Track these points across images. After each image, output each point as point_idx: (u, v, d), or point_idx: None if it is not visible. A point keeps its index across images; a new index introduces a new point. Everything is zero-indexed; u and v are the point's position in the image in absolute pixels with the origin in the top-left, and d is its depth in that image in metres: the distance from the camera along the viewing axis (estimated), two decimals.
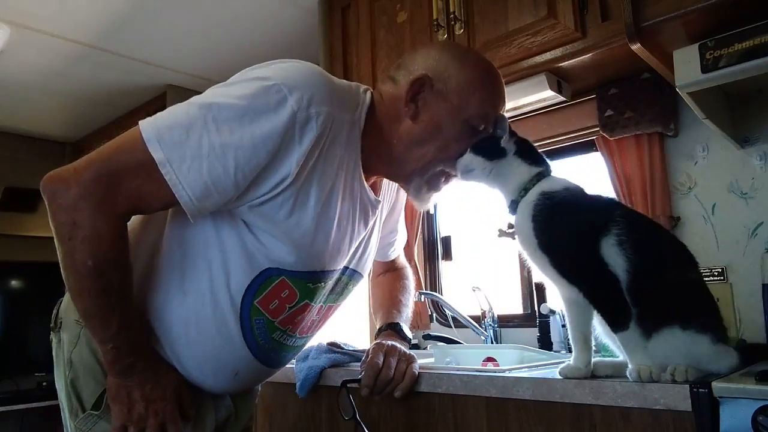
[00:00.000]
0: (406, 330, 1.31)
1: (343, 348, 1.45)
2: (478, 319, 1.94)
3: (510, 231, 1.07)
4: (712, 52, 1.21)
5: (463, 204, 2.27)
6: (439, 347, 1.82)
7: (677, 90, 1.29)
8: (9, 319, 3.26)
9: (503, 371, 1.17)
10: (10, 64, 2.60)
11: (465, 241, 2.30)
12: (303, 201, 0.94)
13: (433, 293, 2.13)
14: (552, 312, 1.75)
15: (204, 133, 0.85)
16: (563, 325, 1.67)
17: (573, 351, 1.03)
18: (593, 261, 0.96)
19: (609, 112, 1.69)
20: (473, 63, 1.06)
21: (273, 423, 1.53)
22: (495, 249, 2.15)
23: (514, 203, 1.04)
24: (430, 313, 2.19)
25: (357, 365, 1.27)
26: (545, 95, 1.67)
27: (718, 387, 0.87)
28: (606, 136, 1.71)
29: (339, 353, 1.42)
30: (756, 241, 1.51)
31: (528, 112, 1.83)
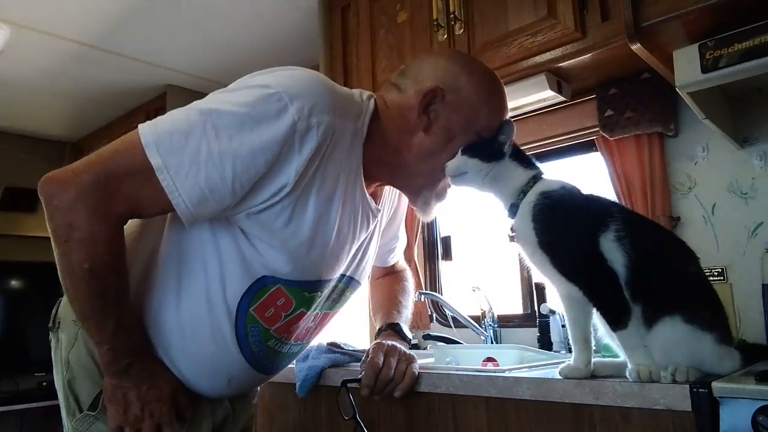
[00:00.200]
0: (406, 330, 1.31)
1: (343, 348, 1.44)
2: (478, 319, 1.94)
3: (512, 234, 1.07)
4: (712, 52, 1.21)
5: (463, 204, 2.27)
6: (439, 347, 1.82)
7: (677, 90, 1.29)
8: (9, 319, 3.26)
9: (503, 371, 1.17)
10: (10, 64, 2.60)
11: (465, 241, 2.30)
12: (301, 210, 0.93)
13: (433, 293, 2.13)
14: (552, 312, 1.75)
15: (203, 140, 0.85)
16: (563, 325, 1.67)
17: (573, 351, 1.03)
18: (593, 257, 0.95)
19: (609, 112, 1.69)
20: (481, 73, 1.06)
21: (273, 423, 1.53)
22: (495, 249, 2.16)
23: (513, 207, 1.03)
24: (430, 313, 2.19)
25: (357, 365, 1.27)
26: (545, 95, 1.67)
27: (718, 387, 0.87)
28: (606, 136, 1.71)
29: (339, 353, 1.41)
30: (756, 241, 1.51)
31: (528, 112, 1.83)
